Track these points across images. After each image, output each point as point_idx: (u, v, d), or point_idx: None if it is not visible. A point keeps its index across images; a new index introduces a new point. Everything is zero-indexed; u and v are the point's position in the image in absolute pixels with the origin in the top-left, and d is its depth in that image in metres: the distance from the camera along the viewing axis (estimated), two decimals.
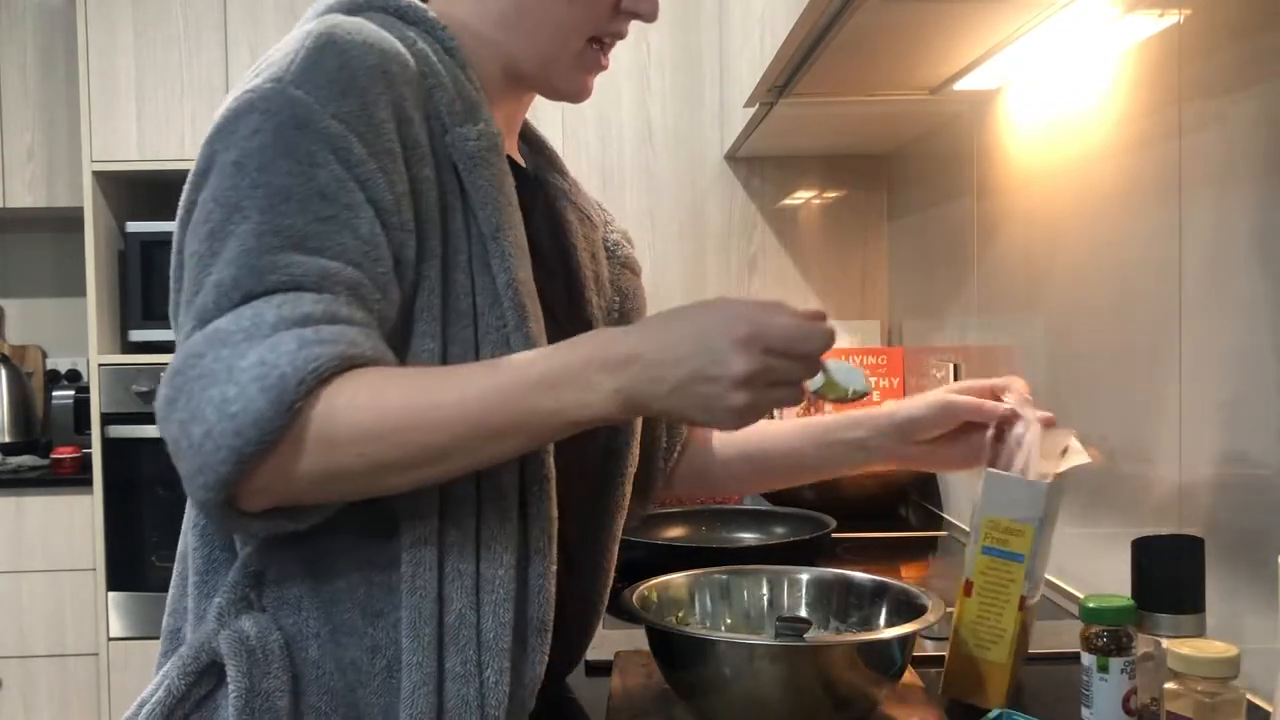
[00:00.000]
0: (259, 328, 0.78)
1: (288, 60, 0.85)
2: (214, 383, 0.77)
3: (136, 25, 2.98)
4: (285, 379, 0.76)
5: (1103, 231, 1.37)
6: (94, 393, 2.98)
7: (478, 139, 0.91)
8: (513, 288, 0.90)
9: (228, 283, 0.80)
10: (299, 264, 0.81)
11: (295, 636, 0.87)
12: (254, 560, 0.89)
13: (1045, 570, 1.06)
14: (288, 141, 0.82)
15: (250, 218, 0.81)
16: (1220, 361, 1.10)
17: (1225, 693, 0.81)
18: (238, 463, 0.77)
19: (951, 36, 1.44)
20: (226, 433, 0.76)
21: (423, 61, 0.91)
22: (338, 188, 0.83)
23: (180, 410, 0.78)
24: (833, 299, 2.70)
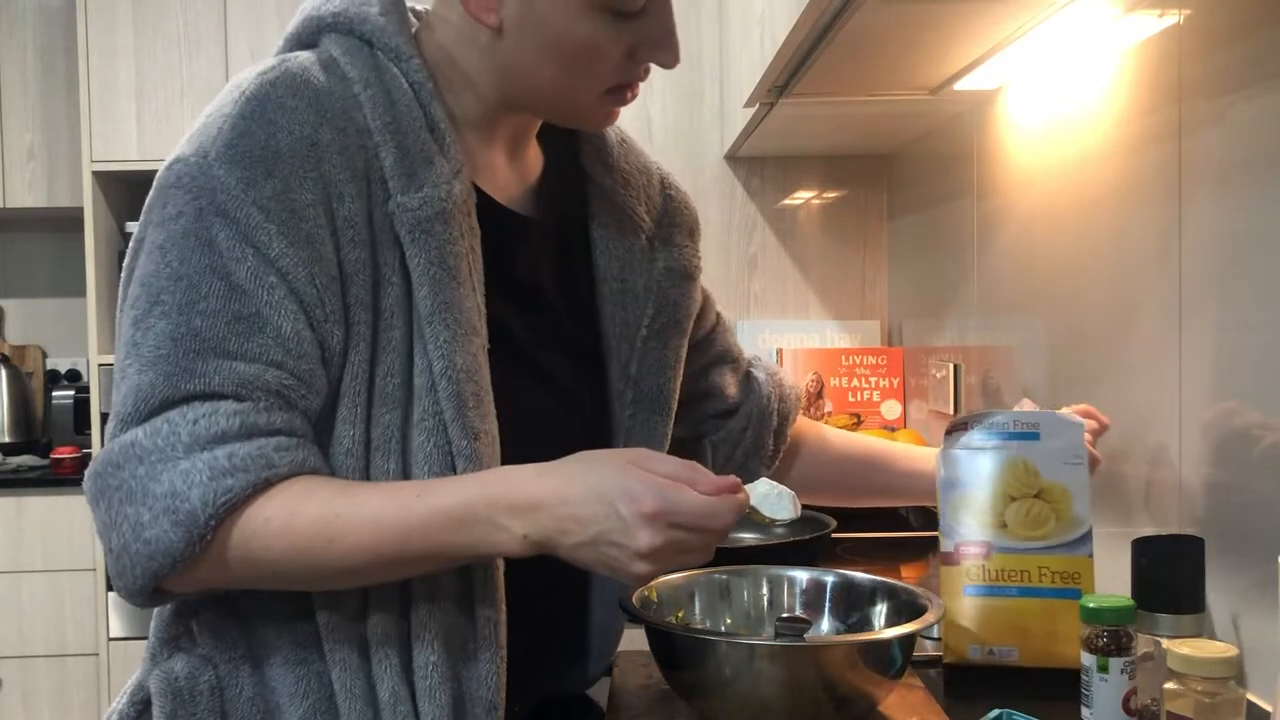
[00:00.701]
0: (173, 448, 0.78)
1: (215, 128, 0.83)
2: (130, 499, 0.79)
3: (136, 25, 2.98)
4: (194, 514, 0.78)
5: (1103, 231, 1.37)
6: (94, 393, 2.98)
7: (419, 208, 0.85)
8: (448, 375, 0.85)
9: (145, 388, 0.80)
10: (215, 370, 0.80)
11: (228, 676, 0.87)
12: (189, 602, 0.90)
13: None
14: (208, 230, 0.81)
15: (169, 314, 0.81)
16: (1220, 361, 1.10)
17: (1225, 693, 0.81)
18: (152, 578, 0.80)
19: (951, 36, 1.43)
20: (141, 555, 0.79)
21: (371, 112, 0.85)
22: (256, 284, 0.81)
23: (101, 512, 0.81)
24: (833, 299, 2.70)
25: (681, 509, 0.79)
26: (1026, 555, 1.08)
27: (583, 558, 0.82)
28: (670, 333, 1.06)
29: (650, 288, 1.05)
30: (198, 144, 0.84)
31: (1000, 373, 1.79)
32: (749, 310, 2.71)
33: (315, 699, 0.86)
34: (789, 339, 2.65)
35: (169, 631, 0.89)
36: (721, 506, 0.81)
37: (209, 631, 0.89)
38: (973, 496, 1.09)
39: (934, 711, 1.01)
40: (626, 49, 0.90)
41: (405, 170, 0.85)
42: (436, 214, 0.86)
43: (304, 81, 0.85)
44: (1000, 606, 1.07)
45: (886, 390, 2.48)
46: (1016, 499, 1.08)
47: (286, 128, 0.82)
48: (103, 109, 2.98)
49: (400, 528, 0.81)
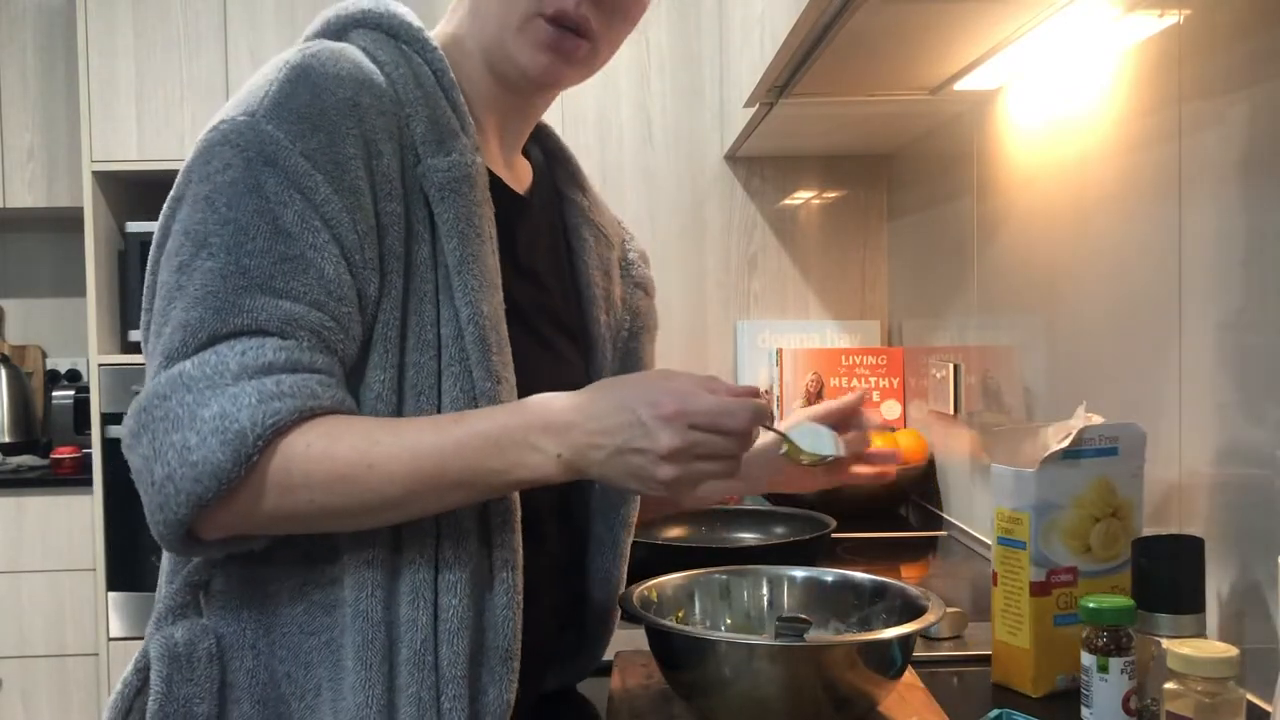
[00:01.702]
0: (221, 376, 0.81)
1: (262, 92, 0.87)
2: (176, 427, 0.80)
3: (136, 26, 2.98)
4: (243, 433, 0.79)
5: (1103, 231, 1.37)
6: (94, 393, 2.98)
7: (448, 170, 0.92)
8: (475, 322, 0.91)
9: (194, 323, 0.83)
10: (262, 306, 0.83)
11: (232, 645, 0.89)
12: (200, 570, 0.91)
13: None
14: (256, 178, 0.85)
15: (216, 255, 0.84)
16: (1220, 361, 1.10)
17: (1225, 693, 0.81)
18: (195, 506, 0.80)
19: (951, 36, 1.44)
20: (186, 479, 0.80)
21: (402, 88, 0.92)
22: (302, 226, 0.85)
23: (144, 446, 0.82)
24: (833, 299, 2.70)
25: (699, 407, 0.84)
26: (1104, 577, 1.06)
27: (612, 473, 0.85)
28: (643, 337, 1.16)
29: (624, 298, 1.15)
30: (244, 106, 0.88)
31: (1000, 373, 1.79)
32: (749, 310, 2.71)
33: (324, 668, 0.87)
34: (789, 339, 2.65)
35: (175, 600, 0.91)
36: (738, 405, 0.85)
37: (217, 602, 0.90)
38: (1064, 520, 1.04)
39: (934, 711, 1.01)
40: None
41: (435, 137, 0.92)
42: (462, 177, 0.92)
43: (343, 54, 0.90)
44: None
45: (886, 390, 2.48)
46: (1100, 520, 1.06)
47: (330, 90, 0.87)
48: (103, 109, 2.98)
49: (438, 452, 0.84)
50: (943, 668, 1.16)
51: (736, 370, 2.69)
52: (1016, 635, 1.06)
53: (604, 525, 1.08)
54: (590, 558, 1.09)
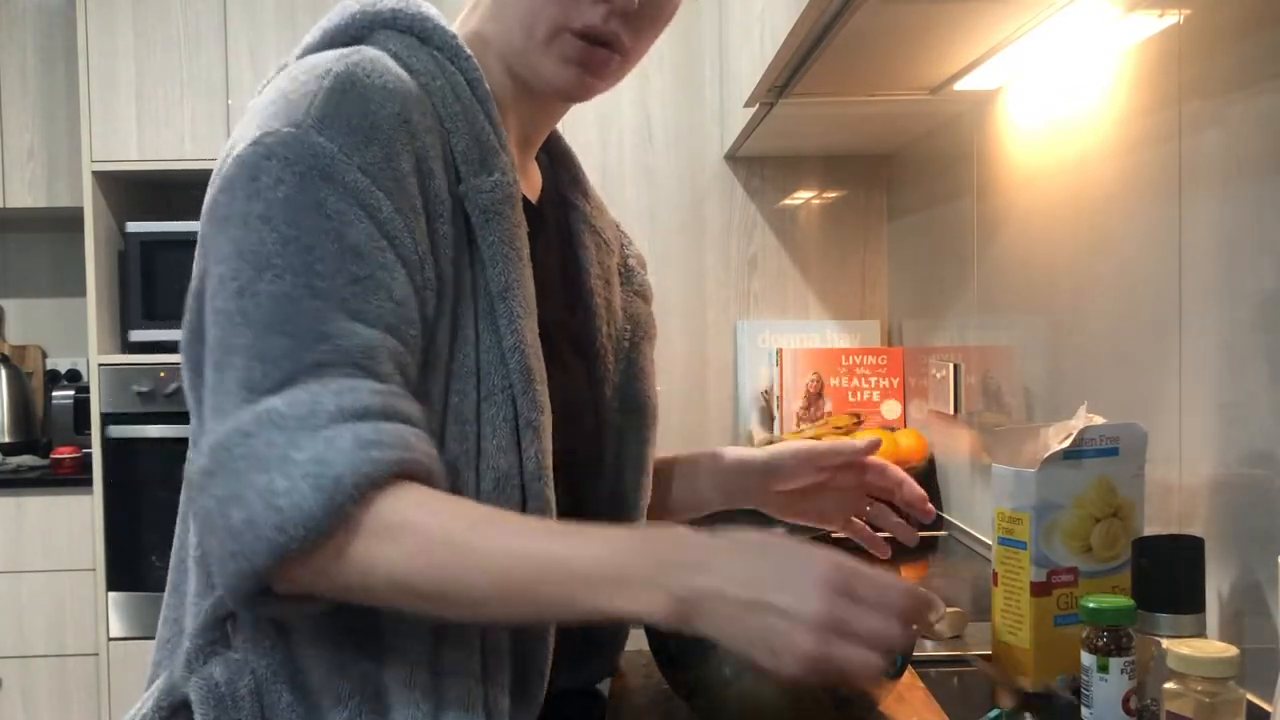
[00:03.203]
0: (315, 416, 0.75)
1: (306, 103, 0.81)
2: (262, 469, 0.74)
3: (136, 26, 2.98)
4: (340, 480, 0.73)
5: (1103, 231, 1.37)
6: (94, 393, 2.98)
7: (492, 190, 0.88)
8: (519, 350, 0.87)
9: (273, 353, 0.77)
10: (344, 334, 0.78)
11: (265, 679, 0.84)
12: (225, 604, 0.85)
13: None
14: (315, 194, 0.79)
15: (283, 277, 0.78)
16: (1220, 361, 1.10)
17: (1225, 693, 0.81)
18: (276, 557, 0.74)
19: (951, 36, 1.44)
20: (269, 525, 0.73)
21: (442, 103, 0.87)
22: (370, 245, 0.80)
23: (219, 486, 0.75)
24: (833, 299, 2.70)
25: (863, 575, 0.74)
26: (1104, 578, 1.06)
27: (736, 632, 0.73)
28: (644, 345, 1.11)
29: (624, 306, 1.11)
30: (286, 118, 0.81)
31: (1000, 373, 1.79)
32: (749, 310, 2.71)
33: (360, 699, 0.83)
34: (789, 339, 2.65)
35: (205, 636, 0.85)
36: (905, 586, 0.76)
37: (245, 633, 0.85)
38: (1064, 520, 1.04)
39: (934, 711, 1.01)
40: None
41: (477, 156, 0.88)
42: (505, 198, 0.88)
43: (385, 66, 0.85)
44: None
45: (886, 390, 2.48)
46: (1101, 520, 1.05)
47: (379, 103, 0.82)
48: (103, 109, 2.98)
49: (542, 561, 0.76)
50: (943, 668, 1.16)
51: (736, 370, 2.69)
52: (1016, 635, 1.06)
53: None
54: None
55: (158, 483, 2.93)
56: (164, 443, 2.93)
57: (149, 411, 2.96)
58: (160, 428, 2.95)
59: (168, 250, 3.03)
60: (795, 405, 2.49)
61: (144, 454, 2.94)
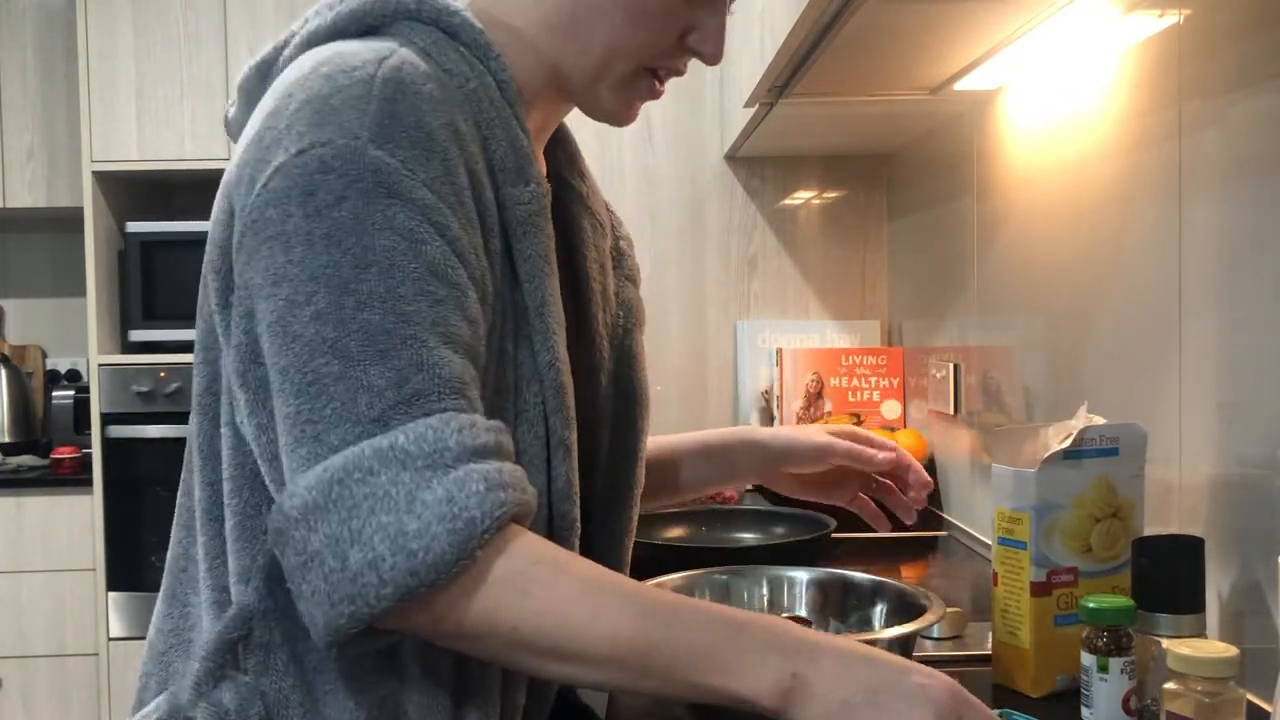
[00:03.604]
0: (441, 455, 0.72)
1: (356, 111, 0.77)
2: (390, 509, 0.71)
3: (136, 26, 2.98)
4: (474, 523, 0.71)
5: (1103, 231, 1.37)
6: (94, 393, 2.98)
7: (529, 202, 0.85)
8: (553, 368, 0.85)
9: (376, 383, 0.73)
10: (439, 362, 0.75)
11: (276, 703, 0.81)
12: (238, 623, 0.82)
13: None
14: (383, 211, 0.75)
15: (370, 305, 0.74)
16: (1220, 361, 1.10)
17: (1225, 693, 0.81)
18: (400, 600, 0.71)
19: (951, 36, 1.43)
20: (399, 569, 0.70)
21: (479, 109, 0.84)
22: (445, 265, 0.77)
23: (333, 525, 0.71)
24: (833, 299, 2.70)
25: (973, 704, 0.75)
26: (1104, 578, 1.06)
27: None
28: (635, 332, 1.10)
29: (617, 291, 1.09)
30: (337, 128, 0.76)
31: (1000, 373, 1.79)
32: (749, 310, 2.71)
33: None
34: (789, 339, 2.65)
35: (216, 660, 0.81)
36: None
37: (256, 656, 0.81)
38: (1064, 520, 1.04)
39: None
40: (683, 29, 0.92)
41: (514, 165, 0.85)
42: (540, 210, 0.86)
43: (426, 72, 0.81)
44: None
45: (886, 390, 2.48)
46: (1101, 520, 1.05)
47: (431, 112, 0.79)
48: (103, 109, 2.98)
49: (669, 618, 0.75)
50: (943, 668, 1.16)
51: (736, 370, 2.69)
52: (1016, 635, 1.06)
53: (605, 531, 1.07)
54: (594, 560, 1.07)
55: (158, 483, 2.93)
56: (164, 443, 2.93)
57: (149, 411, 2.96)
58: (160, 428, 2.95)
59: (168, 250, 3.03)
60: (795, 405, 2.49)
61: (144, 454, 2.94)
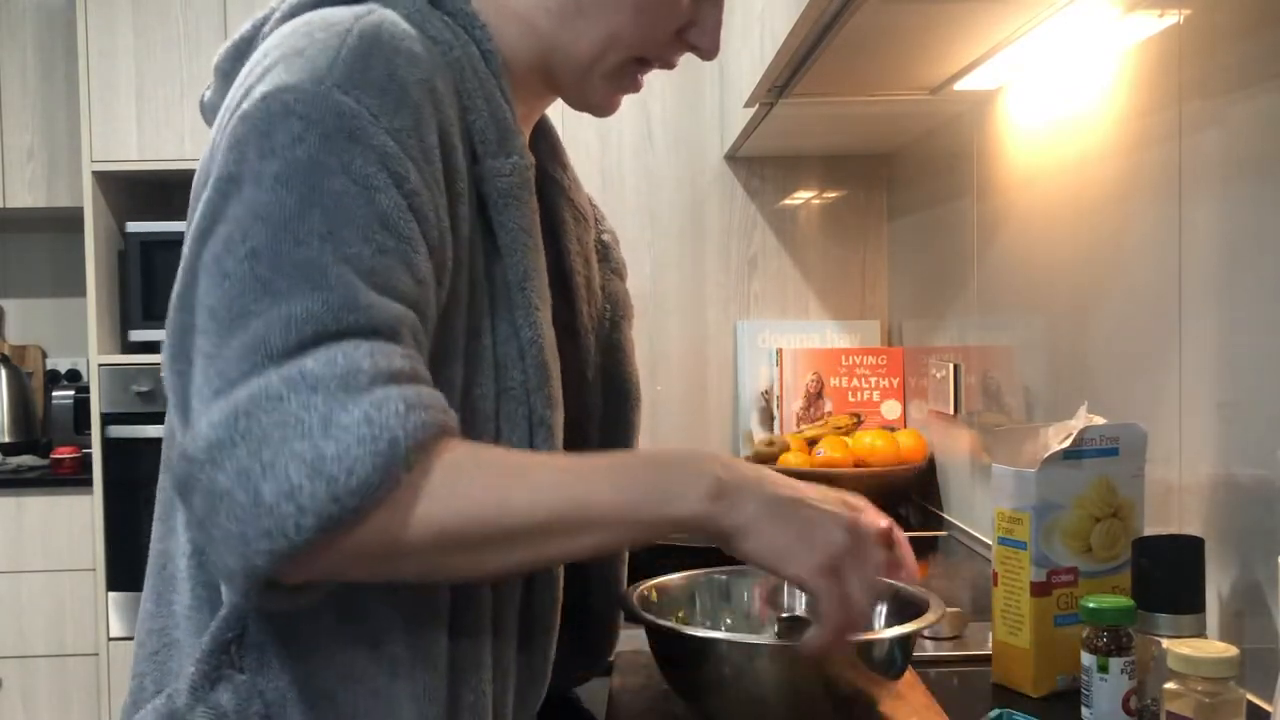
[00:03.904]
0: (355, 378, 0.68)
1: (328, 58, 0.75)
2: (303, 435, 0.66)
3: (136, 26, 2.98)
4: (397, 444, 0.68)
5: (1103, 231, 1.37)
6: (94, 393, 2.98)
7: (511, 174, 0.84)
8: (536, 344, 0.84)
9: (299, 317, 0.69)
10: (372, 304, 0.72)
11: (274, 702, 0.79)
12: (231, 623, 0.80)
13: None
14: (340, 155, 0.73)
15: (307, 242, 0.71)
16: (1220, 361, 1.10)
17: (1225, 693, 0.81)
18: (323, 530, 0.67)
19: (951, 36, 1.44)
20: (319, 497, 0.66)
21: (461, 77, 0.82)
22: (397, 216, 0.74)
23: (242, 458, 0.67)
24: (833, 299, 2.70)
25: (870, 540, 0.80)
26: (1104, 578, 1.06)
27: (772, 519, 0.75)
28: (622, 324, 1.09)
29: (602, 284, 1.08)
30: (306, 73, 0.74)
31: (1000, 373, 1.79)
32: (749, 310, 2.71)
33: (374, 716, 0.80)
34: (789, 339, 2.65)
35: (210, 661, 0.79)
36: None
37: (252, 655, 0.80)
38: (1064, 520, 1.04)
39: (934, 711, 1.01)
40: (684, 23, 0.92)
41: (496, 135, 0.83)
42: (523, 182, 0.85)
43: (407, 31, 0.79)
44: None
45: (886, 390, 2.48)
46: (1101, 520, 1.06)
47: (405, 66, 0.76)
48: (103, 109, 2.98)
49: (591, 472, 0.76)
50: (943, 668, 1.16)
51: (736, 370, 2.69)
52: (1017, 635, 1.06)
53: None
54: (589, 565, 1.08)
55: (157, 483, 2.92)
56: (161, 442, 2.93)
57: (149, 411, 2.96)
58: (160, 428, 2.94)
59: (168, 250, 3.03)
60: (795, 405, 2.49)
61: (144, 454, 2.94)
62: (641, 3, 0.89)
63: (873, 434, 2.24)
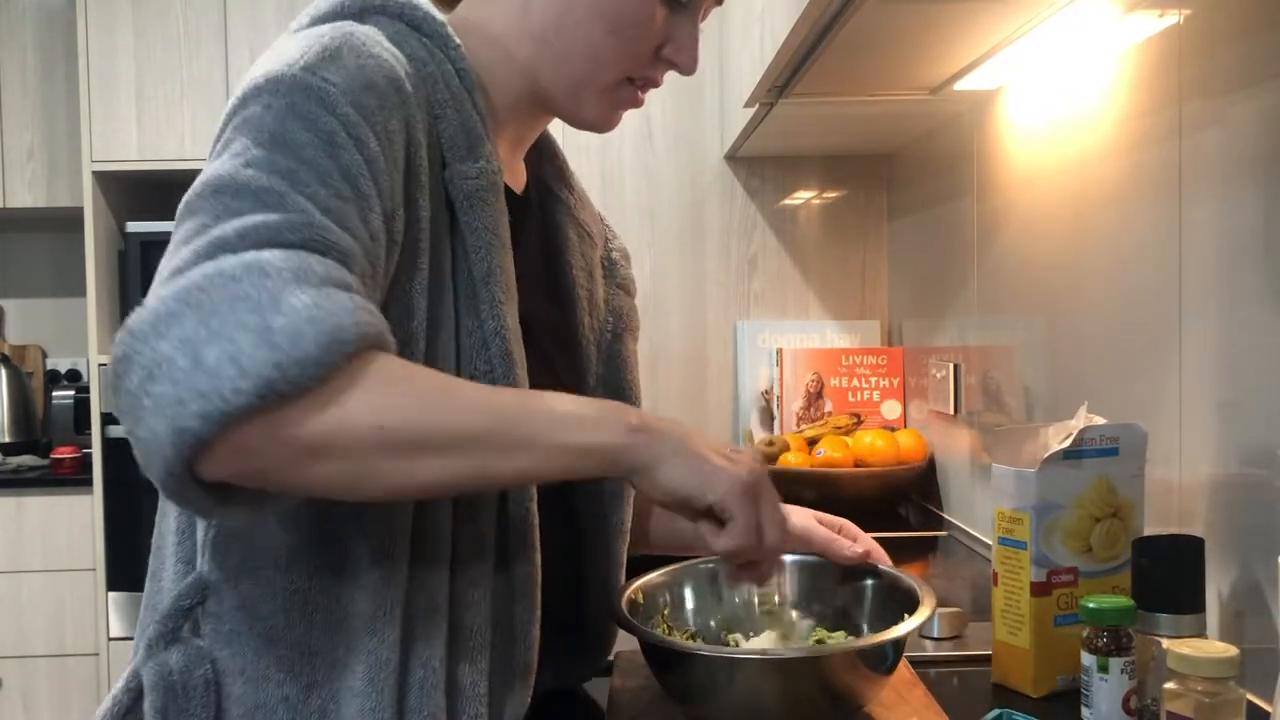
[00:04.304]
0: (307, 274, 0.70)
1: (299, 52, 0.81)
2: (253, 309, 0.68)
3: (136, 25, 2.98)
4: (342, 329, 0.69)
5: (1103, 231, 1.37)
6: (94, 393, 2.98)
7: (477, 177, 0.88)
8: (500, 335, 0.88)
9: (252, 225, 0.72)
10: (330, 229, 0.74)
11: (226, 671, 0.83)
12: (193, 591, 0.84)
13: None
14: (307, 116, 0.77)
15: (270, 177, 0.75)
16: (1220, 361, 1.10)
17: (1225, 693, 0.81)
18: (259, 397, 0.67)
19: (951, 36, 1.44)
20: (262, 361, 0.66)
21: (433, 88, 0.88)
22: (356, 173, 0.78)
23: (187, 325, 0.67)
24: (833, 299, 2.70)
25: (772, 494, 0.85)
26: (1104, 578, 1.06)
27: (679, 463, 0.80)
28: (625, 338, 1.12)
29: (607, 299, 1.12)
30: (280, 63, 0.80)
31: (1000, 373, 1.79)
32: (749, 310, 2.71)
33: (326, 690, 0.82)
34: (789, 339, 2.66)
35: (167, 624, 0.84)
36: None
37: (210, 624, 0.84)
38: (1064, 520, 1.04)
39: (934, 711, 1.01)
40: (660, 41, 0.96)
41: (464, 143, 0.88)
42: (490, 185, 0.89)
43: (379, 39, 0.85)
44: None
45: (886, 390, 2.48)
46: (1101, 520, 1.06)
47: (374, 67, 0.82)
48: (103, 109, 2.98)
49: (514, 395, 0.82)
50: (943, 668, 1.16)
51: (736, 370, 2.69)
52: (1017, 635, 1.06)
53: (596, 529, 1.07)
54: (586, 562, 1.08)
55: None
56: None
57: None
58: None
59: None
60: (795, 405, 2.49)
61: None
62: (613, 24, 0.93)
63: (873, 434, 2.24)
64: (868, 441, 2.21)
